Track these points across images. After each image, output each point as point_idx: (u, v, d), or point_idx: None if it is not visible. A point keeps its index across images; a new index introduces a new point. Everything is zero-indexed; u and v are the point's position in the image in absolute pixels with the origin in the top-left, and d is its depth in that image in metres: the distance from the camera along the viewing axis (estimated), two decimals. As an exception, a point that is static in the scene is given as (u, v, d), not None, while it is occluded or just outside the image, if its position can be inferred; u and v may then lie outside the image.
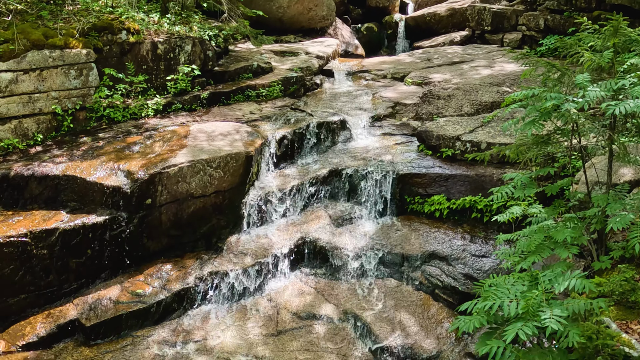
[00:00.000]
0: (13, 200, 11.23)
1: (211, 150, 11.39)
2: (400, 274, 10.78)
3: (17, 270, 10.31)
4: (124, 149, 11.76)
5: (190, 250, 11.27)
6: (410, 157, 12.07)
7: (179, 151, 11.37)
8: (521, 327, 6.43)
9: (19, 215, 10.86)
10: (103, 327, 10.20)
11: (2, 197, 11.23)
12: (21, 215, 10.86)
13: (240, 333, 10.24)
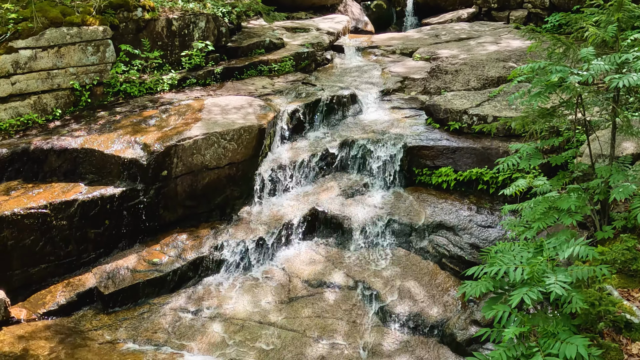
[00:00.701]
0: (33, 173, 11.30)
1: (225, 124, 11.40)
2: (408, 244, 10.80)
3: (37, 240, 10.39)
4: (140, 123, 11.79)
5: (205, 220, 11.33)
6: (419, 130, 12.05)
7: (193, 124, 11.39)
8: (526, 292, 6.45)
9: (38, 188, 10.91)
10: (121, 295, 10.30)
11: (23, 170, 11.28)
12: (41, 188, 10.91)
13: (253, 300, 10.29)
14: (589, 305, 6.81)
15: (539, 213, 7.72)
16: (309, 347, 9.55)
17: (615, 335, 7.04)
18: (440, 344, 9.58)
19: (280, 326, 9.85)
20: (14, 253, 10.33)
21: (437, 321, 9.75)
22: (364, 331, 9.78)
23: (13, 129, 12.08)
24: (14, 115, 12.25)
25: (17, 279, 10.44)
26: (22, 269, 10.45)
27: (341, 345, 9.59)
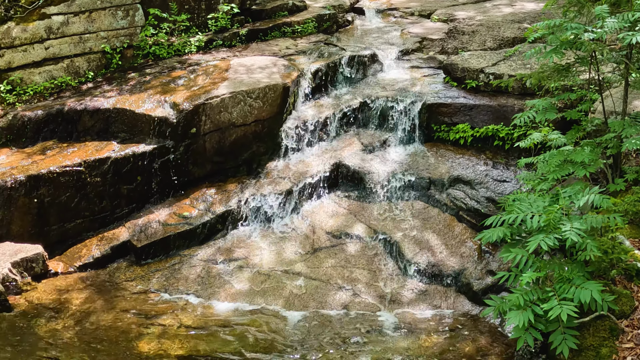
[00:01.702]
0: (67, 133, 11.36)
1: (251, 83, 11.38)
2: (427, 197, 10.78)
3: (73, 197, 10.48)
4: (169, 83, 11.80)
5: (232, 175, 11.36)
6: (437, 88, 11.99)
7: (220, 84, 11.38)
8: (543, 239, 6.45)
9: (73, 147, 10.98)
10: (153, 247, 10.40)
11: (57, 130, 11.36)
12: (75, 147, 10.98)
13: (279, 251, 10.35)
14: (602, 253, 6.81)
15: (553, 165, 7.69)
16: (332, 295, 9.61)
17: (626, 283, 7.04)
18: (457, 293, 9.61)
19: (304, 275, 9.93)
20: (51, 209, 10.44)
21: (454, 271, 9.76)
22: (384, 280, 9.82)
23: (47, 91, 12.14)
24: (48, 78, 12.30)
25: (54, 234, 10.55)
26: (59, 224, 10.56)
27: (363, 293, 9.64)
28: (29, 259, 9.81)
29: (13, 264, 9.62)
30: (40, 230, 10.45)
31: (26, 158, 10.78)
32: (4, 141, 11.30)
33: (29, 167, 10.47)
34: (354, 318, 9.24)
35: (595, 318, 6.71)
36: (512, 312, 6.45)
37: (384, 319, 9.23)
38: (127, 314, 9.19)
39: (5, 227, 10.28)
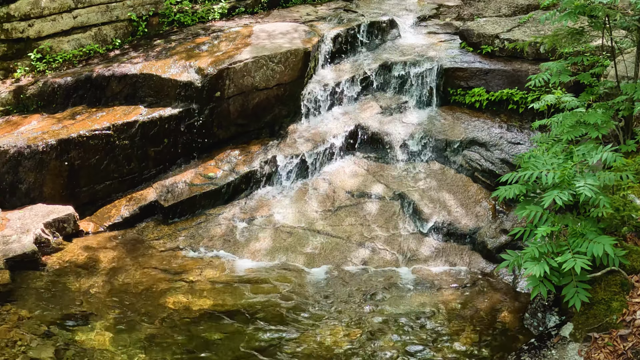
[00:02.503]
0: (96, 98, 11.38)
1: (272, 48, 11.34)
2: (443, 158, 10.76)
3: (102, 159, 10.53)
4: (194, 49, 11.79)
5: (255, 137, 11.37)
6: (453, 53, 11.91)
7: (243, 49, 11.34)
8: (557, 194, 6.43)
9: (102, 111, 11.01)
10: (179, 207, 10.45)
11: (86, 96, 11.37)
12: (104, 111, 11.01)
13: (300, 210, 10.38)
14: (614, 210, 6.78)
15: (567, 126, 7.66)
16: (352, 252, 9.64)
17: (637, 240, 7.04)
18: (472, 251, 9.63)
19: (325, 233, 9.96)
20: (81, 172, 10.49)
21: (469, 230, 9.77)
22: (402, 238, 9.84)
23: (76, 58, 12.15)
24: (76, 46, 12.31)
25: (85, 195, 10.62)
26: (89, 186, 10.62)
27: (381, 250, 9.66)
28: (61, 220, 9.89)
29: (46, 224, 9.71)
30: (71, 192, 10.52)
31: (56, 123, 10.81)
32: (35, 107, 11.35)
33: (60, 131, 10.51)
34: (373, 274, 9.28)
35: (607, 273, 6.72)
36: (528, 263, 6.45)
37: (402, 275, 9.27)
38: (155, 271, 9.27)
39: (38, 189, 10.35)
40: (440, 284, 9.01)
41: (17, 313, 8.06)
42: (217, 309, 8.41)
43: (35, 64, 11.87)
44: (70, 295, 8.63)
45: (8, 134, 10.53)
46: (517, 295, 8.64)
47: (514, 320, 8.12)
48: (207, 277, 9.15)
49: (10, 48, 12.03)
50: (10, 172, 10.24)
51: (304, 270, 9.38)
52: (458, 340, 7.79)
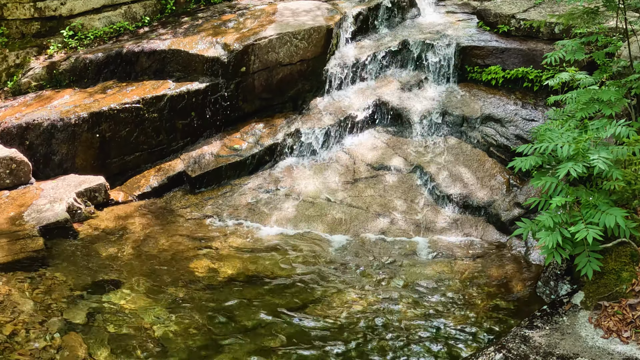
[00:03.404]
0: (126, 73, 11.42)
1: (296, 25, 11.29)
2: (460, 133, 10.73)
3: (132, 132, 10.57)
4: (220, 26, 11.77)
5: (279, 111, 11.36)
6: (471, 32, 11.85)
7: (268, 26, 11.31)
8: (572, 166, 6.41)
9: (131, 86, 11.04)
10: (206, 177, 10.49)
11: (117, 71, 11.42)
12: (134, 86, 11.03)
13: (322, 180, 10.39)
14: (626, 184, 6.76)
15: (581, 103, 7.61)
16: (371, 222, 9.67)
17: (647, 213, 7.00)
18: (486, 223, 9.64)
19: (346, 203, 9.98)
20: (112, 143, 10.54)
21: (484, 202, 9.76)
22: (419, 209, 9.85)
23: (107, 35, 12.19)
24: (107, 23, 12.35)
25: (115, 166, 10.69)
26: (119, 157, 10.69)
27: (399, 221, 9.68)
28: (92, 189, 9.95)
29: (78, 194, 9.77)
30: (102, 162, 10.58)
31: (88, 97, 10.86)
32: (67, 82, 11.41)
33: (91, 105, 10.56)
34: (391, 242, 9.31)
35: (618, 244, 6.71)
36: (542, 232, 6.44)
37: (418, 244, 9.30)
38: (182, 238, 9.33)
39: (70, 160, 10.44)
40: (455, 254, 9.04)
41: (51, 277, 8.13)
42: (241, 274, 8.47)
43: (67, 40, 11.92)
44: (101, 260, 8.70)
45: (42, 108, 10.60)
46: (529, 266, 8.65)
47: (525, 289, 8.15)
48: (232, 244, 9.20)
49: (43, 26, 12.10)
50: (43, 144, 10.33)
51: (325, 238, 9.42)
52: (471, 307, 7.83)
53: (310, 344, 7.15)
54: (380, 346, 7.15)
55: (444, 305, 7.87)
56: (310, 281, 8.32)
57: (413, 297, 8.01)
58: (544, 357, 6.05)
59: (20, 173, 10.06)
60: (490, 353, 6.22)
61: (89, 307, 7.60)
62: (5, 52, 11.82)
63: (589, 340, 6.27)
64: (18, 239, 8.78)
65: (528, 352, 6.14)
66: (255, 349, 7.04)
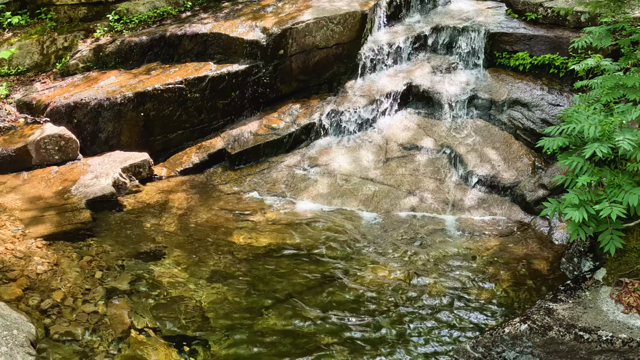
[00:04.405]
0: (169, 55, 11.50)
1: (332, 10, 11.26)
2: (488, 116, 10.71)
3: (175, 111, 10.66)
4: (259, 11, 11.79)
5: (315, 92, 11.36)
6: (500, 19, 11.77)
7: (305, 11, 11.30)
8: (598, 147, 6.41)
9: (174, 67, 11.13)
10: (245, 155, 10.56)
11: (160, 53, 11.49)
12: (177, 67, 11.12)
13: (355, 159, 10.43)
14: (649, 164, 6.73)
15: (606, 88, 7.57)
16: (402, 199, 9.70)
17: (669, 194, 6.97)
18: (512, 203, 9.63)
19: (378, 181, 10.01)
20: (156, 122, 10.67)
21: (510, 183, 9.75)
22: (448, 188, 9.86)
23: (151, 20, 12.27)
24: (150, 8, 12.45)
25: (158, 143, 10.81)
26: (162, 135, 10.79)
27: (429, 199, 9.70)
28: (137, 165, 10.09)
29: (123, 169, 9.92)
30: (146, 140, 10.72)
31: (133, 78, 10.97)
32: (113, 64, 11.53)
33: (136, 85, 10.68)
34: (421, 219, 9.35)
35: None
36: (568, 209, 6.45)
37: (446, 222, 9.32)
38: (222, 211, 9.43)
39: (116, 137, 10.58)
40: (482, 232, 9.06)
41: (97, 247, 8.29)
42: (277, 246, 8.56)
43: (113, 24, 12.03)
44: (144, 232, 8.83)
45: (89, 88, 10.74)
46: (552, 245, 8.67)
47: (548, 267, 8.18)
48: (269, 218, 9.29)
49: (90, 10, 12.23)
50: (91, 122, 10.48)
51: (357, 214, 9.47)
52: (497, 282, 7.87)
53: (344, 313, 7.24)
54: (410, 317, 7.22)
55: (470, 280, 7.92)
56: (343, 254, 8.40)
57: (441, 271, 8.06)
58: (566, 329, 6.10)
59: (68, 150, 10.21)
60: (516, 324, 6.28)
61: (133, 275, 7.75)
62: (54, 36, 11.96)
63: (609, 315, 6.30)
64: (66, 211, 8.96)
65: (552, 324, 6.19)
66: (291, 317, 7.15)
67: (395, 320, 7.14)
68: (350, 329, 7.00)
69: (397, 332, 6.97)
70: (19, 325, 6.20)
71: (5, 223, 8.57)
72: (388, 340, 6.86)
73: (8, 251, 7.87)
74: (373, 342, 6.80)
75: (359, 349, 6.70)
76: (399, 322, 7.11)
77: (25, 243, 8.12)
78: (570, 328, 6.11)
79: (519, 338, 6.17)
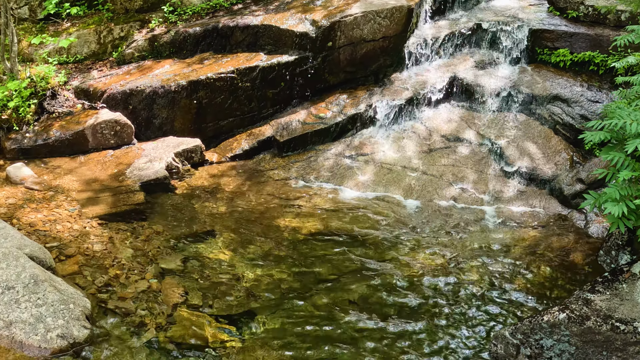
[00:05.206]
0: (221, 46, 11.54)
1: (379, 4, 11.19)
2: (528, 110, 10.59)
3: (226, 99, 10.71)
4: (308, 4, 11.77)
5: (361, 84, 11.32)
6: (542, 16, 11.62)
7: (353, 4, 11.24)
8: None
9: (226, 57, 11.17)
10: (293, 142, 10.57)
11: (213, 44, 11.56)
12: (228, 57, 11.16)
13: (399, 149, 10.39)
14: (690, 161, 6.63)
15: (647, 84, 7.46)
16: (444, 189, 9.65)
17: None
18: (550, 196, 9.52)
19: (420, 171, 9.98)
20: (208, 109, 10.73)
21: (548, 176, 9.65)
22: (489, 179, 9.78)
23: (204, 11, 12.33)
24: (204, 0, 12.44)
25: (210, 130, 10.88)
26: (214, 122, 10.86)
27: (469, 189, 9.65)
28: (189, 150, 10.17)
29: (176, 154, 10.00)
30: (198, 126, 10.78)
31: (187, 67, 11.04)
32: (167, 53, 11.61)
33: (190, 74, 10.74)
34: (461, 209, 9.30)
35: (679, 218, 6.61)
36: (608, 204, 6.37)
37: (486, 212, 9.26)
38: (270, 196, 9.46)
39: (170, 123, 10.68)
40: (520, 223, 8.98)
41: (150, 228, 8.36)
42: (322, 230, 8.57)
43: (167, 15, 12.12)
44: (195, 214, 8.89)
45: (144, 76, 10.85)
46: (588, 238, 8.56)
47: (583, 259, 8.08)
48: (315, 203, 9.31)
49: (145, 2, 12.35)
50: (145, 109, 10.58)
51: (400, 202, 9.45)
52: (534, 272, 7.80)
53: (384, 298, 7.23)
54: (448, 302, 7.19)
55: (508, 269, 7.86)
56: (385, 240, 8.38)
57: (480, 260, 8.01)
58: (603, 319, 6.03)
59: (123, 134, 10.33)
60: (555, 312, 6.21)
61: (183, 255, 7.82)
62: (111, 26, 12.08)
63: (646, 307, 6.22)
64: (121, 193, 9.06)
65: (589, 314, 6.12)
66: (334, 299, 7.16)
67: (433, 305, 7.12)
68: (391, 312, 7.00)
69: (435, 317, 6.95)
70: (75, 300, 6.28)
71: (62, 203, 8.71)
72: (426, 324, 6.84)
73: (65, 230, 8.00)
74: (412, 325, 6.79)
75: (399, 331, 6.69)
76: (438, 307, 7.09)
77: (82, 222, 8.24)
78: (607, 319, 6.03)
79: (557, 326, 6.11)
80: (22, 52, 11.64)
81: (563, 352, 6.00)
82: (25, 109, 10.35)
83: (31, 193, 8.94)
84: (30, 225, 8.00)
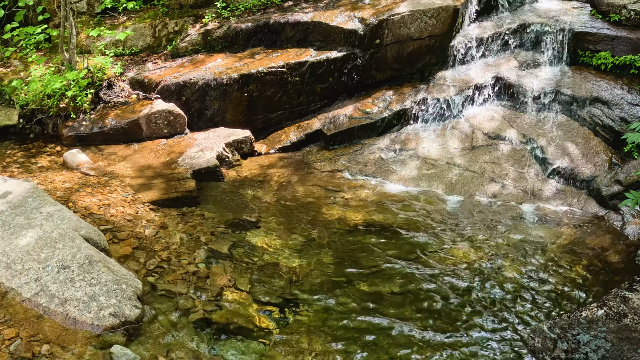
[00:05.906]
0: (272, 41, 11.58)
1: (426, 3, 11.14)
2: (569, 112, 10.45)
3: (276, 92, 10.76)
4: (357, 2, 11.75)
5: (407, 81, 11.28)
6: (584, 19, 11.46)
7: (401, 3, 11.20)
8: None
9: (277, 52, 11.20)
10: (339, 136, 10.58)
11: (264, 39, 11.59)
12: (279, 52, 11.19)
13: (443, 145, 10.34)
14: None
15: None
16: (485, 185, 9.59)
17: None
18: (588, 196, 9.39)
19: (463, 167, 9.92)
20: (258, 102, 10.77)
21: (587, 177, 9.52)
22: (528, 178, 9.69)
23: (255, 8, 12.37)
24: (256, -4, 12.52)
25: (259, 122, 10.93)
26: (264, 114, 10.91)
27: (509, 187, 9.56)
28: (239, 141, 10.24)
29: (226, 144, 10.08)
30: (249, 118, 10.84)
31: (238, 61, 11.10)
32: (219, 48, 11.69)
33: (241, 67, 10.80)
34: (501, 206, 9.23)
35: None
36: (649, 203, 6.30)
37: (525, 210, 9.17)
38: (316, 188, 9.49)
39: (221, 115, 10.75)
40: (558, 221, 8.89)
41: (200, 214, 8.44)
42: (366, 222, 8.56)
43: (220, 11, 12.19)
44: (243, 202, 8.95)
45: (196, 69, 10.93)
46: (625, 239, 8.43)
47: (620, 258, 7.97)
48: (359, 196, 9.31)
49: (199, -3, 12.46)
50: (198, 100, 10.66)
51: (442, 197, 9.41)
52: (570, 270, 7.72)
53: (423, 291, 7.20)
54: (485, 296, 7.15)
55: (545, 266, 7.79)
56: (426, 234, 8.36)
57: (518, 257, 7.95)
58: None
59: (176, 124, 10.43)
60: (593, 309, 6.17)
61: (231, 241, 7.87)
62: (165, 21, 12.19)
63: (683, 306, 6.14)
64: (173, 180, 9.15)
65: (627, 311, 6.06)
66: (376, 289, 7.15)
67: (471, 299, 7.08)
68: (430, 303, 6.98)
69: (472, 310, 6.91)
70: (127, 281, 6.36)
71: (117, 188, 8.82)
72: (464, 317, 6.81)
73: (119, 214, 8.10)
74: (449, 318, 6.77)
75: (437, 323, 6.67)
76: (475, 301, 7.06)
77: (135, 207, 8.35)
78: (645, 317, 5.98)
79: (595, 322, 6.06)
80: (80, 44, 11.79)
81: (599, 347, 5.95)
82: (82, 98, 10.51)
83: (87, 178, 9.08)
84: (85, 208, 8.12)
